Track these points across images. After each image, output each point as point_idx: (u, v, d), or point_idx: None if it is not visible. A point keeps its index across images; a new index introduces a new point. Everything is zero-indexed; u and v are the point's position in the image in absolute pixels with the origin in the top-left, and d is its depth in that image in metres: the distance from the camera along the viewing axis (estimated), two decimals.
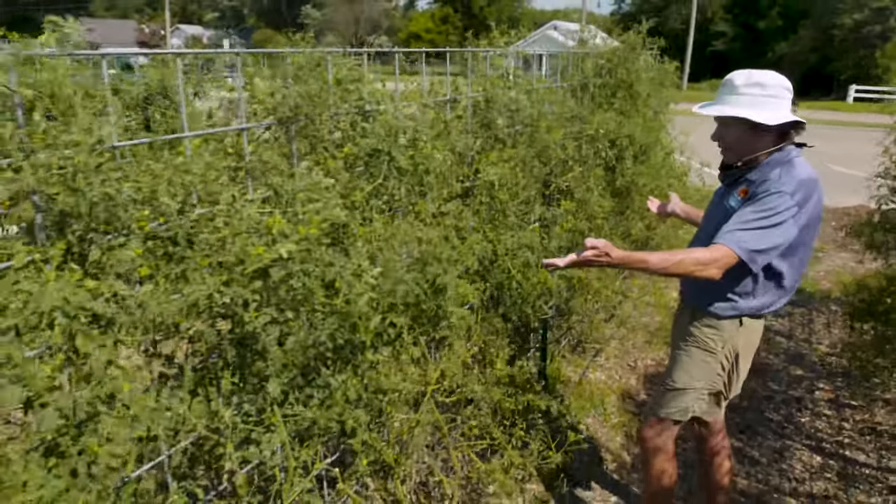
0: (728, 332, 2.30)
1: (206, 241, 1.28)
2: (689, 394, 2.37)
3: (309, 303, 1.40)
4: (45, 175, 1.12)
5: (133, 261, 1.17)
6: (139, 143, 1.37)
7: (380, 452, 2.08)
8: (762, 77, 2.12)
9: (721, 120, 2.20)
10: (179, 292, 1.24)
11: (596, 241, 2.00)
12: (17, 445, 1.21)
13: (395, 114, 1.96)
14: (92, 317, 1.15)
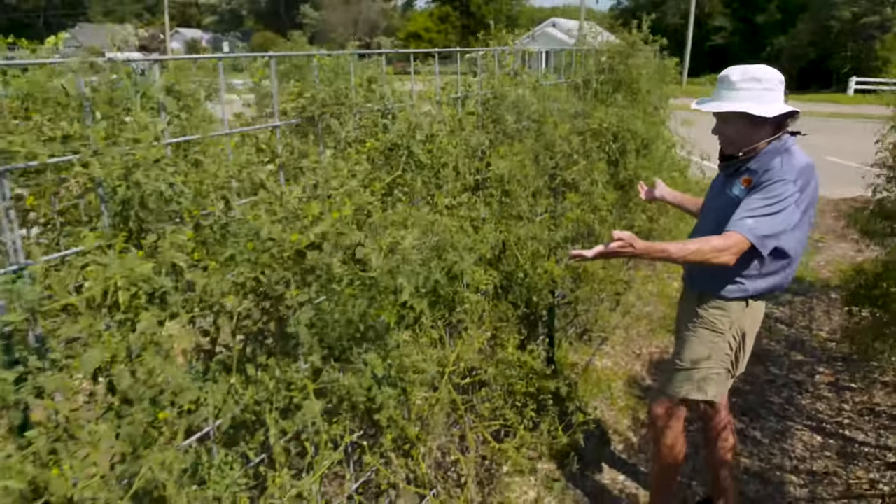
0: (735, 313, 2.42)
1: (250, 227, 1.41)
2: (699, 373, 2.47)
3: (341, 281, 1.53)
4: (109, 169, 1.25)
5: (185, 244, 1.30)
6: (187, 140, 1.50)
7: (402, 429, 2.22)
8: (757, 72, 2.25)
9: (720, 115, 2.33)
10: (228, 273, 1.37)
11: (622, 233, 2.13)
12: (86, 413, 1.34)
13: (412, 111, 2.09)
14: (149, 295, 1.28)
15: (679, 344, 2.56)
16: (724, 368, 2.49)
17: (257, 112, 2.58)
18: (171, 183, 1.33)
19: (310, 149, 1.70)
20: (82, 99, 1.24)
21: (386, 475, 2.14)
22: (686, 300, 2.60)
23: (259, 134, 1.81)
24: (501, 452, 2.74)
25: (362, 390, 1.92)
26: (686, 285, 2.62)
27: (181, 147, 1.64)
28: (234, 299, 1.40)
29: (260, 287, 1.44)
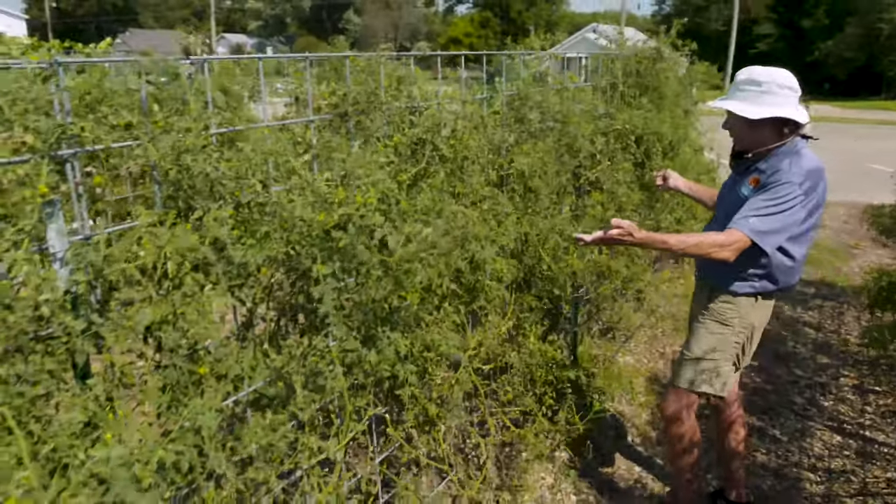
0: (744, 307, 2.51)
1: (282, 206, 1.58)
2: (706, 364, 2.56)
3: (362, 263, 1.68)
4: (163, 154, 1.43)
5: (227, 221, 1.47)
6: (233, 131, 1.67)
7: (424, 407, 2.37)
8: (760, 75, 2.35)
9: (727, 111, 2.43)
10: (263, 248, 1.54)
11: (622, 221, 2.24)
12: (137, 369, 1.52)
13: (438, 109, 2.25)
14: (194, 265, 1.45)
15: (689, 335, 2.66)
16: (731, 361, 2.58)
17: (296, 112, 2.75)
18: (215, 167, 1.50)
19: (342, 142, 1.86)
20: (145, 93, 1.42)
21: (409, 450, 2.29)
22: (698, 295, 2.70)
23: (295, 128, 1.98)
24: (520, 437, 2.87)
25: (386, 365, 2.07)
26: (697, 281, 2.72)
27: (226, 137, 1.82)
28: (267, 272, 1.56)
29: (290, 261, 1.60)
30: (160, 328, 1.41)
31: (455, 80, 2.69)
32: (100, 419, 1.32)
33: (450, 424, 2.52)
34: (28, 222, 1.25)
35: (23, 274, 1.23)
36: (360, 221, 1.61)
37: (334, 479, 2.14)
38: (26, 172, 1.28)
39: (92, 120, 1.41)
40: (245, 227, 1.58)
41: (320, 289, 1.57)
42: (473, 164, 2.37)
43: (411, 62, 2.32)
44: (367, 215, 1.61)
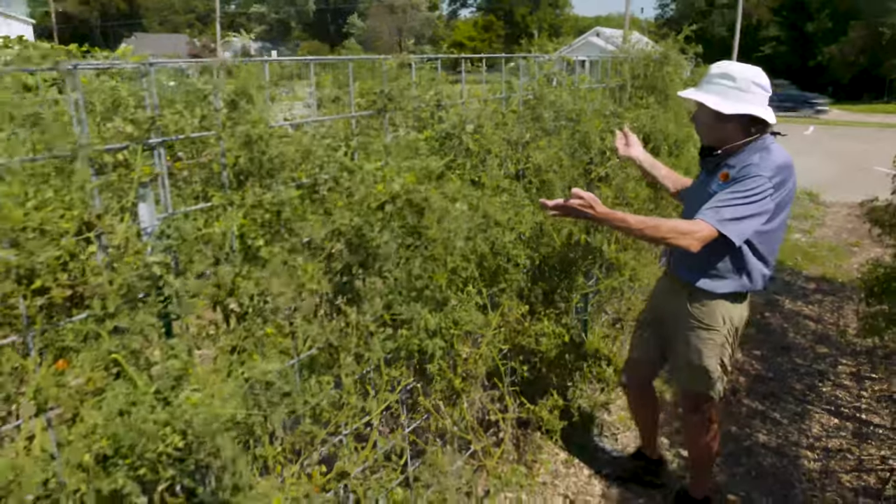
0: (724, 309, 2.53)
1: (341, 186, 1.79)
2: (704, 370, 2.60)
3: (412, 233, 1.89)
4: (235, 142, 1.64)
5: (293, 199, 1.68)
6: (284, 125, 1.88)
7: (450, 381, 2.57)
8: (735, 70, 2.37)
9: (697, 104, 2.46)
10: (325, 221, 1.75)
11: (583, 192, 2.22)
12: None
13: (463, 107, 2.46)
14: (266, 237, 1.66)
15: (678, 343, 2.66)
16: (724, 360, 2.60)
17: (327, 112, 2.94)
18: (277, 155, 1.71)
19: (381, 135, 2.07)
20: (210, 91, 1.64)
21: (437, 419, 2.50)
22: (673, 295, 2.69)
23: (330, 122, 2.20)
24: (535, 414, 3.07)
25: (417, 339, 2.28)
26: (671, 279, 2.72)
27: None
28: (329, 244, 1.77)
29: (347, 234, 1.81)
30: (235, 293, 1.62)
31: (476, 82, 2.90)
32: (181, 370, 1.53)
33: (473, 398, 2.72)
34: (129, 199, 1.46)
35: (124, 242, 1.44)
36: (406, 197, 1.81)
37: (370, 445, 2.35)
38: (125, 157, 1.49)
39: (170, 114, 1.62)
40: (308, 204, 1.79)
41: (383, 248, 1.77)
42: (494, 158, 2.58)
43: (438, 63, 2.53)
44: (413, 191, 1.82)
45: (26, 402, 1.43)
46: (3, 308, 1.38)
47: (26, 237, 1.32)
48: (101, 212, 1.44)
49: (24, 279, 1.36)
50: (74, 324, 1.46)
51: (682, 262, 2.60)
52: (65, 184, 1.43)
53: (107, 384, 1.47)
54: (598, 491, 3.15)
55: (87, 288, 1.46)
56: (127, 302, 1.46)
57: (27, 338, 1.43)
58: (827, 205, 9.68)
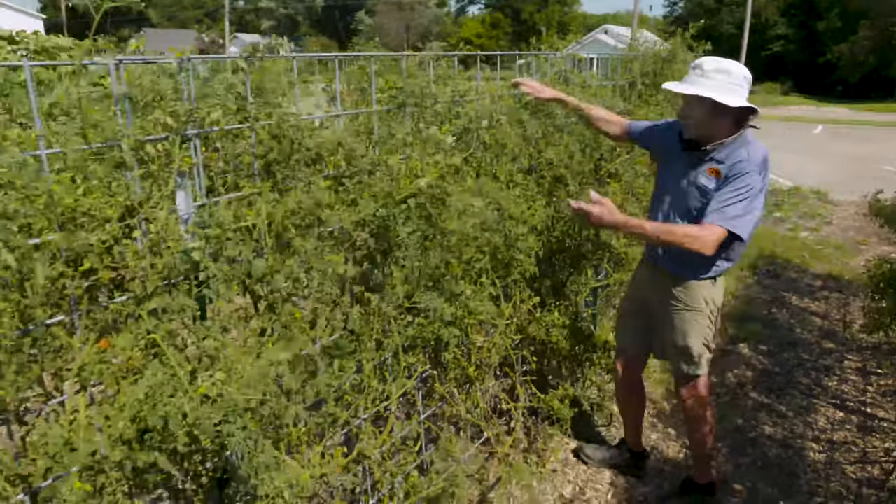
0: (708, 291, 2.67)
1: (367, 179, 1.87)
2: (694, 350, 2.73)
3: (434, 225, 1.97)
4: (266, 133, 1.72)
5: (321, 190, 1.76)
6: (318, 118, 1.96)
7: (464, 368, 2.65)
8: (729, 66, 2.45)
9: (687, 98, 2.51)
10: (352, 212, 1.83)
11: (601, 197, 2.34)
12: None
13: (478, 103, 2.54)
14: (295, 226, 1.74)
15: (666, 327, 2.78)
16: (710, 340, 2.74)
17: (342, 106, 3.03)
18: (317, 143, 1.79)
19: (399, 128, 2.15)
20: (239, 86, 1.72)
21: (452, 404, 2.58)
22: (657, 283, 2.79)
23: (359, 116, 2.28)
24: (545, 403, 3.15)
25: (432, 328, 2.36)
26: (653, 269, 2.82)
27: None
28: (356, 233, 1.85)
29: (373, 223, 1.89)
30: (266, 279, 1.70)
31: (488, 79, 2.98)
32: (215, 349, 1.61)
33: (486, 386, 2.80)
34: (168, 189, 1.54)
35: (163, 228, 1.52)
36: (429, 192, 1.89)
37: (387, 429, 2.43)
38: (165, 147, 1.57)
39: (207, 105, 1.70)
40: (336, 195, 1.87)
41: (406, 239, 1.85)
42: (509, 152, 2.65)
43: (455, 62, 2.61)
44: (435, 186, 1.90)
45: (72, 379, 1.52)
46: (53, 289, 1.46)
47: (76, 222, 1.41)
48: (143, 199, 1.52)
49: (73, 261, 1.44)
50: (116, 305, 1.54)
51: (667, 252, 2.70)
52: (108, 172, 1.51)
53: (145, 363, 1.55)
54: (607, 479, 3.23)
55: (128, 271, 1.54)
56: (165, 285, 1.54)
57: (73, 317, 1.51)
58: (835, 203, 9.71)
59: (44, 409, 1.54)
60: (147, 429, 1.51)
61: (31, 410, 1.52)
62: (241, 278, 1.73)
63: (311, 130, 1.79)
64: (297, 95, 1.81)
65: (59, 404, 1.56)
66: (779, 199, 9.65)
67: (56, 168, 1.43)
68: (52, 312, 1.49)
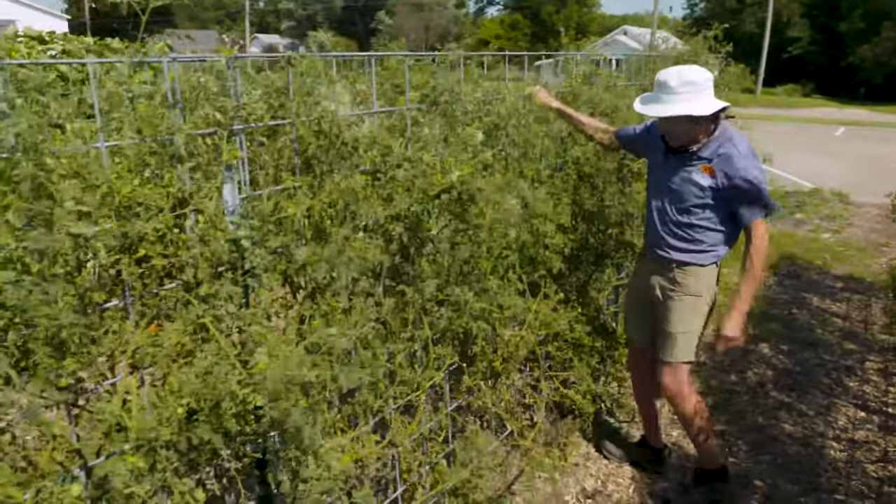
0: (709, 277, 2.81)
1: (402, 175, 1.94)
2: (689, 336, 2.81)
3: (464, 220, 2.03)
4: (307, 129, 1.79)
5: (358, 184, 1.83)
6: (354, 115, 2.03)
7: (490, 361, 2.71)
8: (691, 75, 2.56)
9: (664, 118, 2.64)
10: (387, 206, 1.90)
11: (729, 330, 2.68)
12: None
13: (507, 102, 2.60)
14: (330, 217, 1.82)
15: (665, 313, 2.86)
16: (704, 325, 2.86)
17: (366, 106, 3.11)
18: (345, 140, 1.87)
19: (432, 125, 2.22)
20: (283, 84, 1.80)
21: (480, 396, 2.64)
22: (660, 273, 2.88)
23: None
24: (568, 398, 3.20)
25: (461, 322, 2.42)
26: (657, 260, 2.88)
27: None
28: (391, 226, 1.92)
29: (408, 218, 1.96)
30: (306, 269, 1.77)
31: (514, 79, 3.04)
32: (259, 334, 1.69)
33: (512, 380, 2.86)
34: (216, 182, 1.62)
35: (212, 218, 1.60)
36: (462, 188, 1.96)
37: (416, 420, 2.50)
38: (214, 142, 1.65)
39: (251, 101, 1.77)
40: (372, 189, 1.94)
41: (439, 234, 1.92)
42: (536, 150, 2.71)
43: (484, 61, 2.67)
44: (468, 182, 1.97)
45: (125, 361, 1.60)
46: (108, 275, 1.55)
47: (132, 211, 1.49)
48: (194, 190, 1.60)
49: (128, 249, 1.52)
50: (167, 291, 1.62)
51: (669, 243, 2.81)
52: (160, 164, 1.59)
53: (195, 346, 1.63)
54: (629, 474, 3.27)
55: (178, 259, 1.62)
56: (213, 273, 1.62)
57: (126, 302, 1.59)
58: (856, 205, 9.64)
59: (98, 389, 1.62)
60: (197, 409, 1.59)
61: (88, 390, 1.61)
62: (283, 267, 1.80)
63: (348, 127, 1.86)
64: (336, 94, 1.88)
65: (112, 385, 1.64)
66: (800, 201, 9.61)
67: (114, 160, 1.51)
68: (107, 297, 1.57)
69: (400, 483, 2.53)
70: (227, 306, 1.64)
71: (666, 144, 2.77)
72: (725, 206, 2.69)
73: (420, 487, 2.60)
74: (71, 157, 1.39)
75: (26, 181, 1.33)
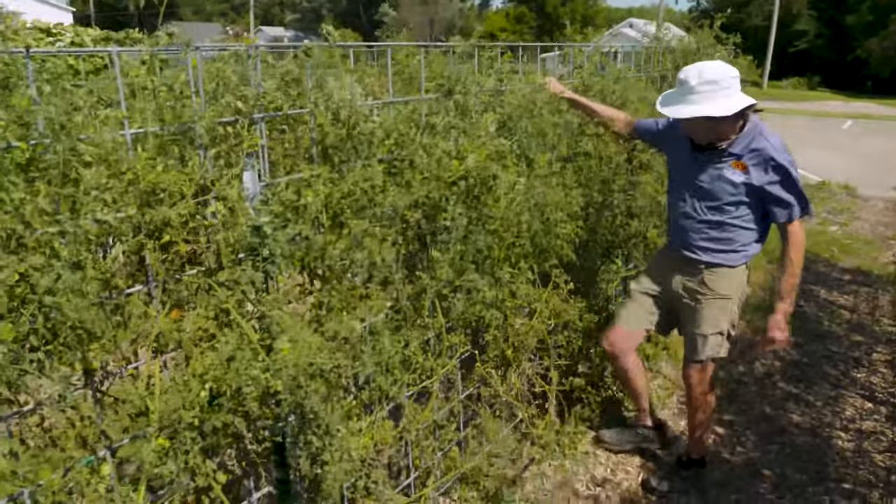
0: (739, 278, 2.78)
1: (419, 162, 1.96)
2: (719, 336, 2.82)
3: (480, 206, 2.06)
4: (326, 118, 1.82)
5: (376, 173, 1.85)
6: (374, 104, 2.06)
7: (502, 350, 2.74)
8: (713, 73, 2.49)
9: (685, 119, 2.59)
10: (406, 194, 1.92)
11: (774, 325, 2.63)
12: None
13: (523, 93, 2.62)
14: (349, 205, 1.84)
15: (693, 316, 2.84)
16: (733, 324, 2.85)
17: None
18: (363, 130, 1.89)
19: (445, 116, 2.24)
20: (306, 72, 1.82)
21: (492, 384, 2.67)
22: (686, 271, 2.85)
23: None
24: (578, 386, 3.23)
25: (474, 310, 2.45)
26: (682, 257, 2.84)
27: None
28: (409, 213, 1.95)
29: (425, 205, 1.99)
30: (323, 255, 1.80)
31: (531, 71, 3.06)
32: (278, 321, 1.71)
33: (522, 368, 2.89)
34: (237, 169, 1.65)
35: (234, 205, 1.62)
36: (478, 174, 1.98)
37: (430, 406, 2.53)
38: (235, 130, 1.67)
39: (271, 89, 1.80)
40: (390, 177, 1.97)
41: (452, 222, 1.94)
42: (548, 141, 2.73)
43: (498, 51, 2.69)
44: (484, 167, 1.99)
45: (148, 346, 1.63)
46: (131, 261, 1.57)
47: (156, 198, 1.51)
48: (216, 178, 1.62)
49: (151, 235, 1.55)
50: (189, 277, 1.65)
51: (698, 244, 2.77)
52: (183, 151, 1.62)
53: (217, 332, 1.66)
54: (638, 462, 3.30)
55: (200, 245, 1.65)
56: (234, 260, 1.65)
57: (150, 288, 1.62)
58: (863, 198, 9.63)
59: (122, 372, 1.65)
60: (219, 393, 1.62)
61: (112, 374, 1.64)
62: (301, 254, 1.83)
63: (365, 116, 1.88)
64: (352, 84, 1.90)
65: (136, 369, 1.67)
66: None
67: (139, 147, 1.54)
68: (131, 283, 1.60)
69: (413, 469, 2.56)
70: (248, 292, 1.67)
71: (692, 142, 2.71)
72: (759, 204, 2.64)
73: (432, 474, 2.64)
74: (98, 144, 1.41)
75: (55, 167, 1.35)
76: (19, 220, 1.30)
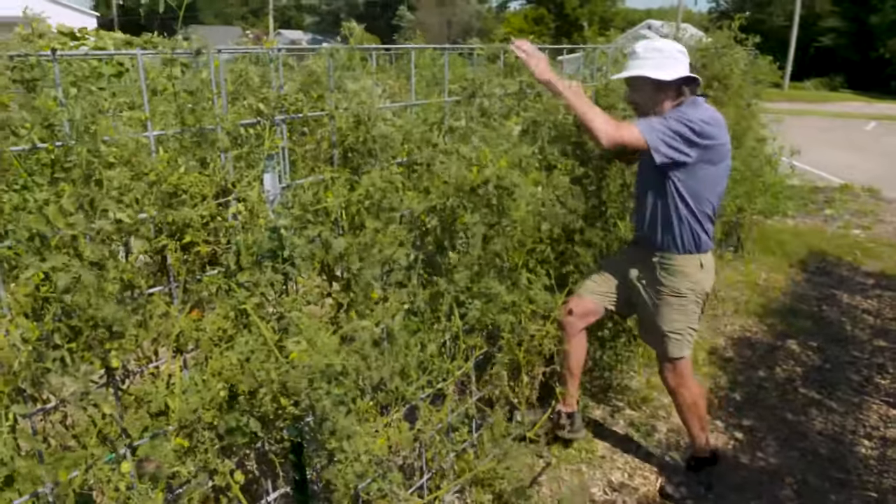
0: (692, 275, 2.71)
1: (439, 168, 1.96)
2: (685, 333, 2.81)
3: (500, 212, 2.05)
4: (345, 121, 1.83)
5: (395, 177, 1.86)
6: (391, 107, 2.06)
7: (515, 354, 2.73)
8: (662, 44, 2.57)
9: (631, 83, 2.61)
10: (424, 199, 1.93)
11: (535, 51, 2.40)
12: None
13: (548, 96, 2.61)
14: (367, 209, 1.85)
15: (653, 313, 2.83)
16: (694, 326, 2.82)
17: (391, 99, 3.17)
18: (381, 133, 1.89)
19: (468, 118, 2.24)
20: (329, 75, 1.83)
21: (503, 387, 2.67)
22: (643, 261, 2.83)
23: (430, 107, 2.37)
24: (594, 390, 3.21)
25: (490, 314, 2.44)
26: (641, 246, 2.84)
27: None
28: (425, 218, 1.95)
29: (443, 210, 1.99)
30: (343, 258, 1.81)
31: None
32: (295, 321, 1.72)
33: (537, 372, 2.88)
34: (257, 171, 1.66)
35: (254, 207, 1.63)
36: (498, 182, 1.98)
37: (445, 408, 2.53)
38: (256, 131, 1.69)
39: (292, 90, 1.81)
40: (409, 182, 1.97)
41: (472, 229, 1.94)
42: (570, 145, 2.73)
43: None
44: (504, 176, 1.99)
45: (169, 345, 1.64)
46: (155, 260, 1.59)
47: (178, 199, 1.53)
48: (236, 179, 1.63)
49: (175, 235, 1.56)
50: (210, 277, 1.66)
51: (646, 234, 2.76)
52: (204, 153, 1.63)
53: (236, 332, 1.67)
54: (656, 468, 3.27)
55: (220, 246, 1.66)
56: (254, 261, 1.66)
57: (171, 288, 1.64)
58: (887, 201, 9.48)
59: (143, 371, 1.67)
60: (237, 393, 1.63)
61: (133, 372, 1.65)
62: (321, 256, 1.83)
63: (385, 120, 1.89)
64: (373, 86, 1.90)
65: (156, 368, 1.69)
66: (829, 197, 9.47)
67: (161, 149, 1.56)
68: (153, 283, 1.62)
69: (426, 471, 2.56)
70: (267, 293, 1.68)
71: None
72: (691, 182, 2.58)
73: (446, 476, 2.63)
74: (122, 145, 1.43)
75: (79, 167, 1.37)
76: (43, 221, 1.31)
